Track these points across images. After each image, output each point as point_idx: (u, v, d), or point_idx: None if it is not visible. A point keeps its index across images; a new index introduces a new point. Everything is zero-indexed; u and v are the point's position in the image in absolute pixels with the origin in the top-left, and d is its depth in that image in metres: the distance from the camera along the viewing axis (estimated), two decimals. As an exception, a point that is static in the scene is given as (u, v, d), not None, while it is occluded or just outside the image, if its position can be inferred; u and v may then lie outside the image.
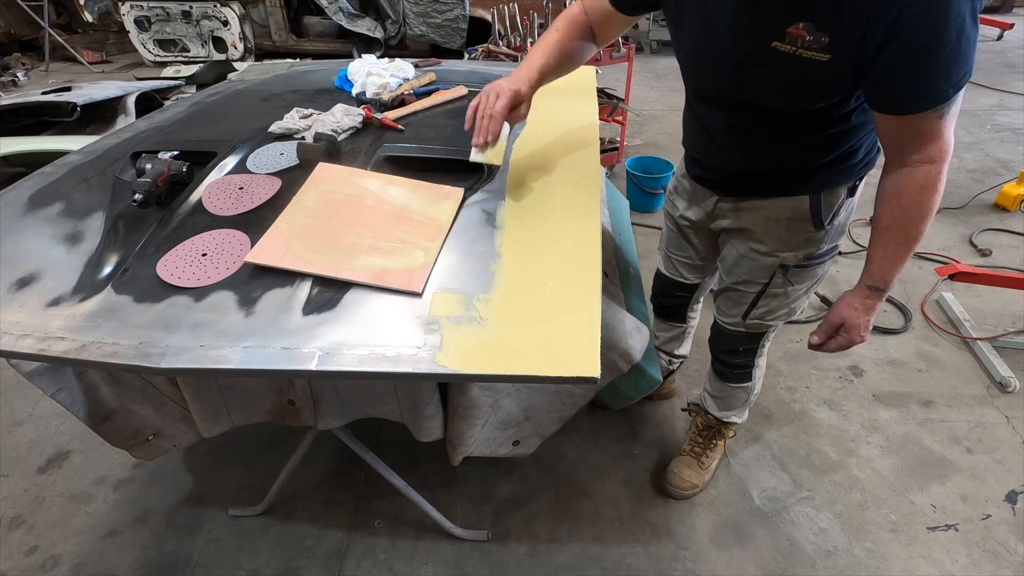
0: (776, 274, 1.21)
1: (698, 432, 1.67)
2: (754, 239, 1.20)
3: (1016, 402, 1.90)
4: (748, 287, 1.27)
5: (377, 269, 0.96)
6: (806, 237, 1.14)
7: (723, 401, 1.58)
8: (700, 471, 1.63)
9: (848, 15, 0.78)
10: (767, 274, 1.22)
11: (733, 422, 1.61)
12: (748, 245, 1.22)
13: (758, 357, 1.44)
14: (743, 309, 1.32)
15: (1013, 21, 6.47)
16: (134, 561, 1.50)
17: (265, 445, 1.79)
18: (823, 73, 0.84)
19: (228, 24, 5.17)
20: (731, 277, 1.31)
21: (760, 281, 1.25)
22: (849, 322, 1.07)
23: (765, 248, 1.19)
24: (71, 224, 1.12)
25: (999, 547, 1.49)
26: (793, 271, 1.20)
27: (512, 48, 3.22)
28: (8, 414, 1.92)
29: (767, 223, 1.16)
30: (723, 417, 1.60)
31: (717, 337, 1.47)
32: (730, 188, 1.20)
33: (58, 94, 3.22)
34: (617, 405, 1.35)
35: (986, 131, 3.99)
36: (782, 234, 1.15)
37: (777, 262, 1.19)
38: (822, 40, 0.81)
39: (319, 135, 1.28)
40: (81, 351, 0.84)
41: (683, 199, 1.35)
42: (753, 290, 1.27)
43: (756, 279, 1.25)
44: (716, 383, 1.56)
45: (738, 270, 1.27)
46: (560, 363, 0.80)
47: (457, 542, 1.52)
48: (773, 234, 1.16)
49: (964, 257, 2.65)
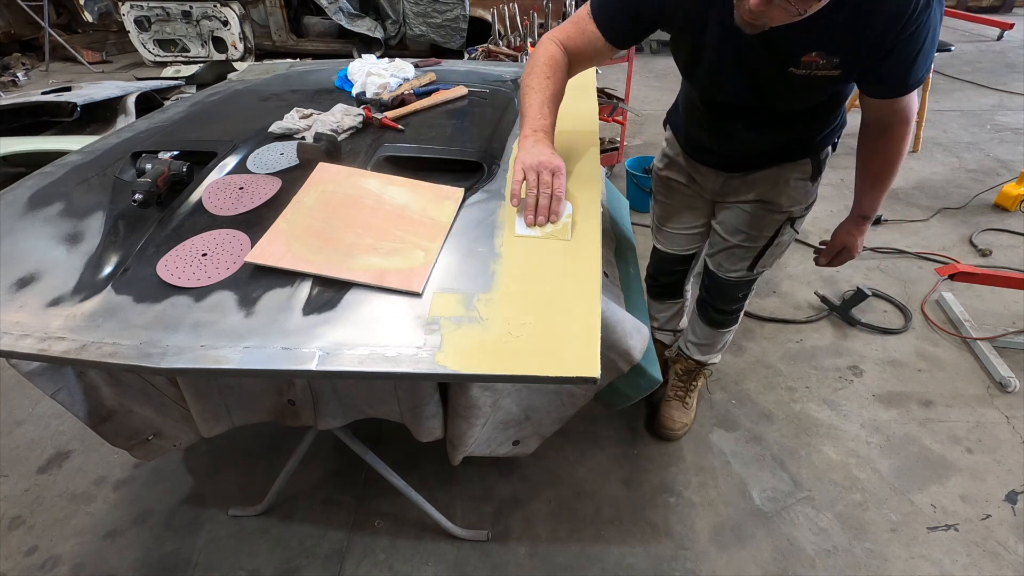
0: (784, 225, 1.40)
1: (679, 377, 1.82)
2: (766, 200, 1.36)
3: (1016, 402, 1.90)
4: (756, 241, 1.43)
5: (377, 269, 0.96)
6: (807, 191, 1.36)
7: (708, 347, 1.75)
8: (686, 411, 1.79)
9: (856, 43, 0.97)
10: (776, 227, 1.40)
11: (713, 363, 1.80)
12: (759, 206, 1.38)
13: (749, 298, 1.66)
14: (748, 262, 1.48)
15: (1013, 21, 6.48)
16: (134, 561, 1.50)
17: (265, 445, 1.79)
18: (834, 82, 1.05)
19: (228, 24, 5.17)
20: (737, 236, 1.44)
21: (767, 235, 1.41)
22: (849, 243, 1.39)
23: (777, 206, 1.36)
24: (71, 224, 1.12)
25: (999, 547, 1.49)
26: (798, 221, 1.41)
27: (512, 48, 3.23)
28: (8, 414, 1.92)
29: (778, 185, 1.33)
30: (705, 360, 1.78)
31: (717, 291, 1.59)
32: (743, 167, 1.35)
33: (58, 94, 3.22)
34: (617, 405, 1.35)
35: (986, 131, 3.99)
36: (792, 192, 1.34)
37: (786, 216, 1.38)
38: (833, 61, 1.00)
39: (319, 135, 1.28)
40: (81, 351, 0.84)
41: (681, 174, 1.48)
42: (760, 244, 1.43)
43: (765, 233, 1.41)
44: (705, 331, 1.71)
45: (746, 226, 1.42)
46: (560, 363, 0.80)
47: (457, 542, 1.52)
48: (784, 194, 1.34)
49: (964, 257, 2.65)
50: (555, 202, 1.04)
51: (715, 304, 1.62)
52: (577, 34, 1.14)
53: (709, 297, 1.63)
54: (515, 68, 2.01)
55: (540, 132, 1.10)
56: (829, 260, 1.45)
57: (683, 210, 1.53)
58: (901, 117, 1.12)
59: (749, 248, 1.45)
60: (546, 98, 1.13)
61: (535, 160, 1.04)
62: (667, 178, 1.52)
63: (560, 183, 1.04)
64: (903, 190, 3.23)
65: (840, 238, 1.40)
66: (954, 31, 6.72)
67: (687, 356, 1.79)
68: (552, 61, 1.14)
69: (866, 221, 1.35)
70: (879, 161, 1.23)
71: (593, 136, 1.40)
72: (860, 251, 1.41)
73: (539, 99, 1.12)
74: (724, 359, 2.03)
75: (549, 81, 1.13)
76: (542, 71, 1.13)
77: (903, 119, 1.13)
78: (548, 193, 1.03)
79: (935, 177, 3.38)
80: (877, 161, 1.23)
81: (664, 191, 1.55)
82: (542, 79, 1.13)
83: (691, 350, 1.78)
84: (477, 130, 1.41)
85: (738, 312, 1.66)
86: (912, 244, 2.74)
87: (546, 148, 1.07)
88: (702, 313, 1.69)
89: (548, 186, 1.03)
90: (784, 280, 2.52)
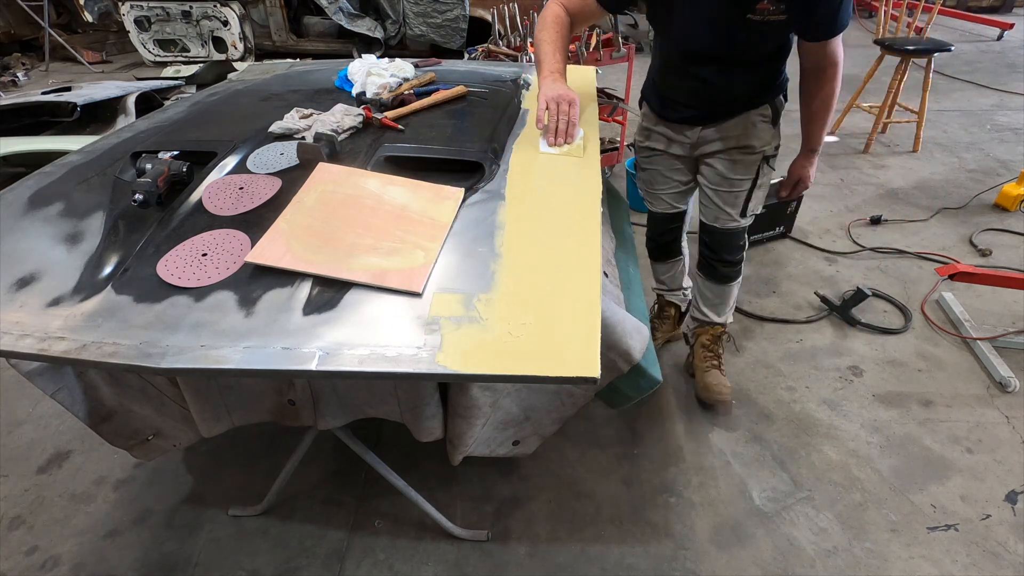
0: (761, 165, 1.61)
1: (706, 348, 1.93)
2: (740, 145, 1.58)
3: (1016, 402, 1.90)
4: (742, 185, 1.63)
5: (377, 269, 0.96)
6: (771, 133, 1.59)
7: (721, 305, 1.89)
8: (723, 375, 1.90)
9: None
10: (755, 168, 1.61)
11: (728, 322, 1.95)
12: (735, 152, 1.59)
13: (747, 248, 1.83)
14: (739, 208, 1.67)
15: (1013, 21, 6.48)
16: (134, 561, 1.50)
17: (265, 445, 1.79)
18: (781, 27, 1.31)
19: (228, 24, 5.17)
20: (724, 184, 1.65)
21: (749, 176, 1.62)
22: (803, 175, 1.69)
23: (750, 148, 1.58)
24: (71, 224, 1.12)
25: (999, 547, 1.49)
26: (771, 160, 1.63)
27: (512, 48, 3.22)
28: (8, 414, 1.92)
29: (747, 129, 1.56)
30: (724, 320, 1.92)
31: (718, 244, 1.76)
32: (715, 117, 1.57)
33: (58, 94, 3.22)
34: (617, 405, 1.35)
35: (986, 131, 3.99)
36: (760, 134, 1.57)
37: (760, 156, 1.60)
38: (780, 7, 1.26)
39: (319, 135, 1.28)
40: (81, 351, 0.84)
41: (660, 142, 1.71)
42: (746, 187, 1.64)
43: (747, 176, 1.62)
44: (715, 289, 1.86)
45: (731, 172, 1.62)
46: (560, 363, 0.80)
47: (457, 542, 1.52)
48: (754, 135, 1.57)
49: (964, 257, 2.65)
50: (571, 127, 1.32)
51: (719, 257, 1.77)
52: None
53: (712, 253, 1.78)
54: (515, 68, 2.01)
55: (556, 73, 1.40)
56: (789, 191, 1.75)
57: (666, 172, 1.76)
58: (832, 60, 1.40)
59: (738, 193, 1.65)
60: (557, 47, 1.42)
61: (555, 93, 1.33)
62: (648, 147, 1.75)
63: (575, 112, 1.32)
64: (903, 190, 3.23)
65: (795, 171, 1.70)
66: (954, 31, 6.72)
67: (706, 321, 1.92)
68: (558, 19, 1.44)
69: (814, 154, 1.65)
70: (818, 100, 1.49)
71: (593, 136, 1.40)
72: (812, 182, 1.72)
73: (552, 48, 1.42)
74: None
75: (558, 35, 1.43)
76: (552, 27, 1.44)
77: (833, 61, 1.40)
78: (566, 120, 1.31)
79: (935, 177, 3.38)
80: (817, 100, 1.49)
81: (647, 160, 1.78)
82: (553, 32, 1.43)
83: (708, 314, 1.90)
84: (477, 130, 1.41)
85: (741, 263, 1.81)
86: (912, 244, 2.74)
87: (563, 85, 1.37)
88: (709, 273, 1.83)
89: (566, 114, 1.32)
90: (784, 280, 2.52)
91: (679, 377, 2.02)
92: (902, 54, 3.45)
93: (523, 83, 1.80)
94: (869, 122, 3.92)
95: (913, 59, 3.50)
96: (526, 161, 1.30)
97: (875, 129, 3.70)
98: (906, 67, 3.54)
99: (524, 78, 1.84)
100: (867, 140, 3.72)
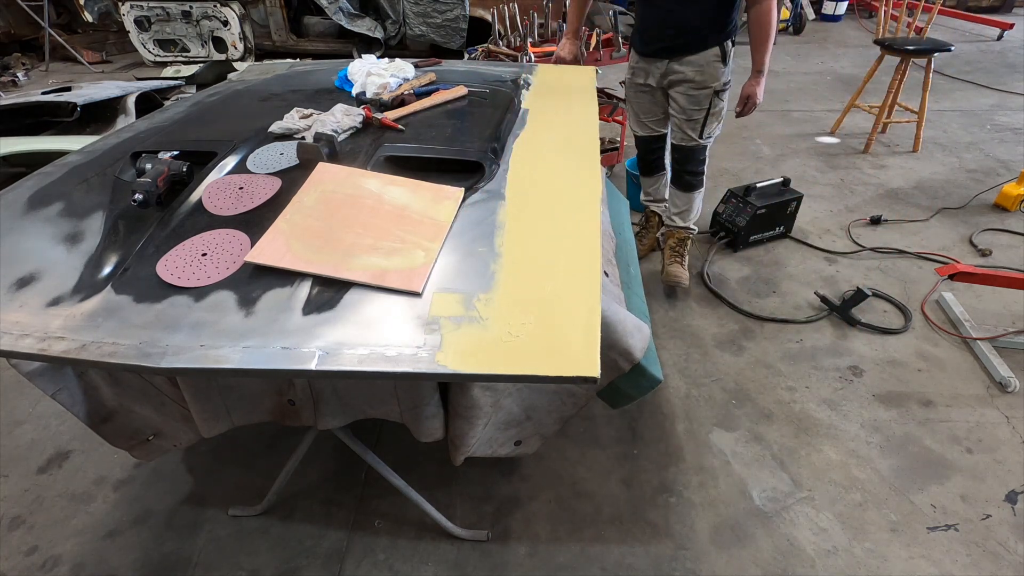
0: (712, 98, 2.06)
1: (673, 249, 2.43)
2: (694, 81, 2.03)
3: (1016, 402, 1.90)
4: (698, 113, 2.10)
5: (377, 269, 0.96)
6: (721, 71, 2.01)
7: (687, 212, 2.40)
8: (684, 269, 2.40)
9: None
10: (707, 100, 2.06)
11: (692, 228, 2.44)
12: (691, 86, 2.05)
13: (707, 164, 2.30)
14: (698, 131, 2.14)
15: (1013, 21, 6.48)
16: (134, 561, 1.50)
17: (265, 445, 1.79)
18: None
19: (228, 24, 5.17)
20: (685, 113, 2.11)
21: (704, 107, 2.08)
22: (752, 92, 2.05)
23: (702, 83, 2.03)
24: (71, 224, 1.12)
25: (999, 547, 1.49)
26: (721, 93, 2.06)
27: (512, 48, 3.22)
28: (8, 414, 1.92)
29: (700, 68, 2.01)
30: (688, 224, 2.42)
31: (683, 158, 2.24)
32: (674, 51, 2.01)
33: (58, 94, 3.22)
34: (618, 405, 1.35)
35: (986, 131, 3.99)
36: (711, 72, 2.01)
37: (711, 90, 2.04)
38: None
39: (319, 135, 1.28)
40: (81, 351, 0.84)
41: (641, 76, 2.18)
42: (701, 115, 2.10)
43: (702, 106, 2.08)
44: (683, 197, 2.36)
45: (689, 105, 2.09)
46: (560, 363, 0.80)
47: (457, 542, 1.52)
48: (705, 73, 2.01)
49: (964, 257, 2.65)
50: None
51: (685, 168, 2.26)
52: None
53: (679, 165, 2.27)
54: (515, 68, 2.01)
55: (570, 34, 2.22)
56: (742, 107, 2.10)
57: (647, 103, 2.24)
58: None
59: (696, 120, 2.11)
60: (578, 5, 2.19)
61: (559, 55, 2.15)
62: (633, 83, 2.22)
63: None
64: (903, 190, 3.23)
65: (745, 90, 2.06)
66: (954, 31, 6.72)
67: (675, 226, 2.44)
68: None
69: (761, 75, 2.02)
70: (761, 28, 1.93)
71: (593, 136, 1.40)
72: (760, 99, 2.06)
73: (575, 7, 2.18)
74: (724, 359, 2.08)
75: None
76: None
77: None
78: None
79: (935, 177, 3.38)
80: (760, 28, 1.93)
81: (633, 94, 2.26)
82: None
83: (675, 220, 2.42)
84: (477, 130, 1.41)
85: (702, 175, 2.29)
86: (912, 244, 2.74)
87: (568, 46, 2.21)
88: (677, 182, 2.34)
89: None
90: (784, 280, 2.52)
91: (679, 377, 2.02)
92: (902, 54, 3.45)
93: (523, 83, 1.80)
94: (869, 122, 3.92)
95: (913, 59, 3.50)
96: (526, 161, 1.30)
97: (875, 129, 3.70)
98: (906, 67, 3.54)
99: (524, 78, 1.84)
100: (867, 140, 3.72)
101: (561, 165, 1.28)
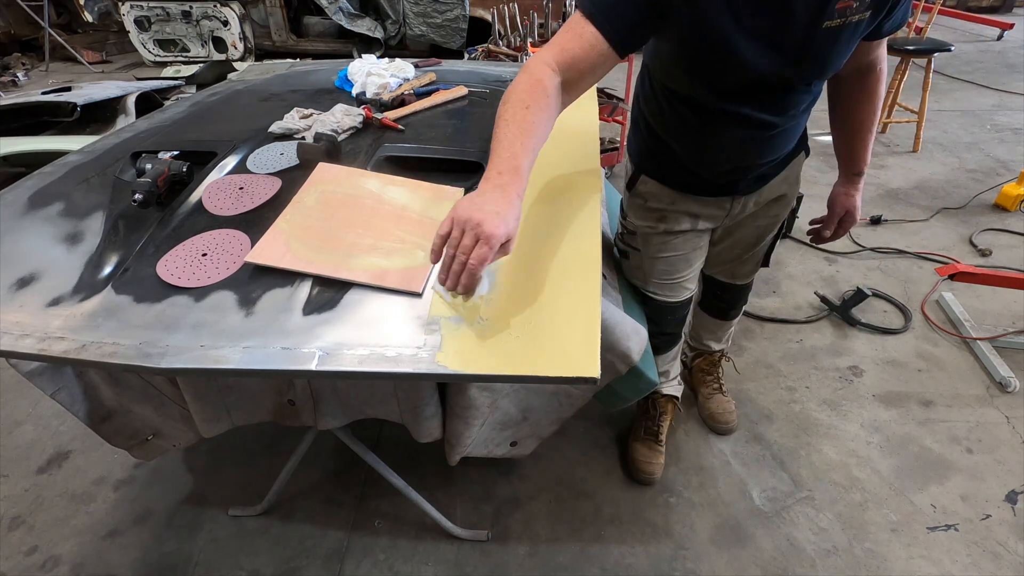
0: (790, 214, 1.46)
1: (705, 372, 1.88)
2: (781, 199, 1.37)
3: (1016, 402, 1.90)
4: (771, 239, 1.48)
5: (377, 269, 0.96)
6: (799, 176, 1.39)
7: (723, 334, 1.82)
8: (730, 399, 1.85)
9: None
10: (783, 218, 1.43)
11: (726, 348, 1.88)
12: (773, 207, 1.38)
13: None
14: (761, 262, 1.54)
15: (1013, 21, 6.48)
16: (134, 561, 1.50)
17: (265, 445, 1.79)
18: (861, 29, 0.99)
19: (228, 24, 5.17)
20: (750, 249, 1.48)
21: (777, 229, 1.45)
22: (851, 207, 1.37)
23: (789, 199, 1.38)
24: (71, 224, 1.12)
25: (999, 547, 1.49)
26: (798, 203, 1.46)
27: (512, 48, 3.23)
28: (8, 414, 1.92)
29: (788, 182, 1.34)
30: (724, 348, 1.87)
31: (732, 298, 1.66)
32: (767, 179, 1.30)
33: (58, 94, 3.22)
34: (614, 407, 1.35)
35: (986, 131, 3.99)
36: (794, 175, 1.36)
37: (790, 206, 1.41)
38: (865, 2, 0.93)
39: (319, 135, 1.28)
40: (81, 351, 0.84)
41: (684, 221, 1.32)
42: (771, 241, 1.48)
43: (777, 227, 1.44)
44: (718, 323, 1.77)
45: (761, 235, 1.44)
46: (559, 363, 0.80)
47: (457, 542, 1.52)
48: (791, 182, 1.36)
49: (964, 257, 2.65)
50: (466, 274, 0.81)
51: (729, 304, 1.69)
52: (573, 40, 0.93)
53: (721, 302, 1.69)
54: (515, 68, 2.01)
55: (505, 175, 0.84)
56: (834, 231, 1.42)
57: (691, 253, 1.38)
58: (884, 55, 1.17)
59: (762, 249, 1.50)
60: (520, 131, 0.88)
61: (467, 215, 0.80)
62: (666, 232, 1.33)
63: (482, 254, 0.78)
64: (903, 190, 3.23)
65: (841, 203, 1.38)
66: (954, 31, 6.72)
67: (705, 351, 1.87)
68: (534, 86, 0.91)
69: (860, 178, 1.35)
70: (868, 106, 1.25)
71: (593, 136, 1.40)
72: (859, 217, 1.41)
73: (511, 132, 0.88)
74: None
75: (528, 111, 0.89)
76: (519, 99, 0.91)
77: (884, 56, 1.18)
78: (463, 260, 0.80)
79: (935, 177, 3.38)
80: (866, 107, 1.25)
81: (664, 247, 1.35)
82: (518, 109, 0.90)
83: (711, 345, 1.85)
84: (477, 130, 1.41)
85: (745, 303, 1.74)
86: (912, 244, 2.74)
87: (495, 202, 0.81)
88: (714, 312, 1.73)
89: (466, 252, 0.80)
90: (784, 280, 2.52)
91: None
92: (902, 54, 3.45)
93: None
94: (869, 122, 3.92)
95: (913, 59, 3.50)
96: (526, 161, 1.29)
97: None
98: (906, 67, 3.54)
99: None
100: (867, 140, 3.72)
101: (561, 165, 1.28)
